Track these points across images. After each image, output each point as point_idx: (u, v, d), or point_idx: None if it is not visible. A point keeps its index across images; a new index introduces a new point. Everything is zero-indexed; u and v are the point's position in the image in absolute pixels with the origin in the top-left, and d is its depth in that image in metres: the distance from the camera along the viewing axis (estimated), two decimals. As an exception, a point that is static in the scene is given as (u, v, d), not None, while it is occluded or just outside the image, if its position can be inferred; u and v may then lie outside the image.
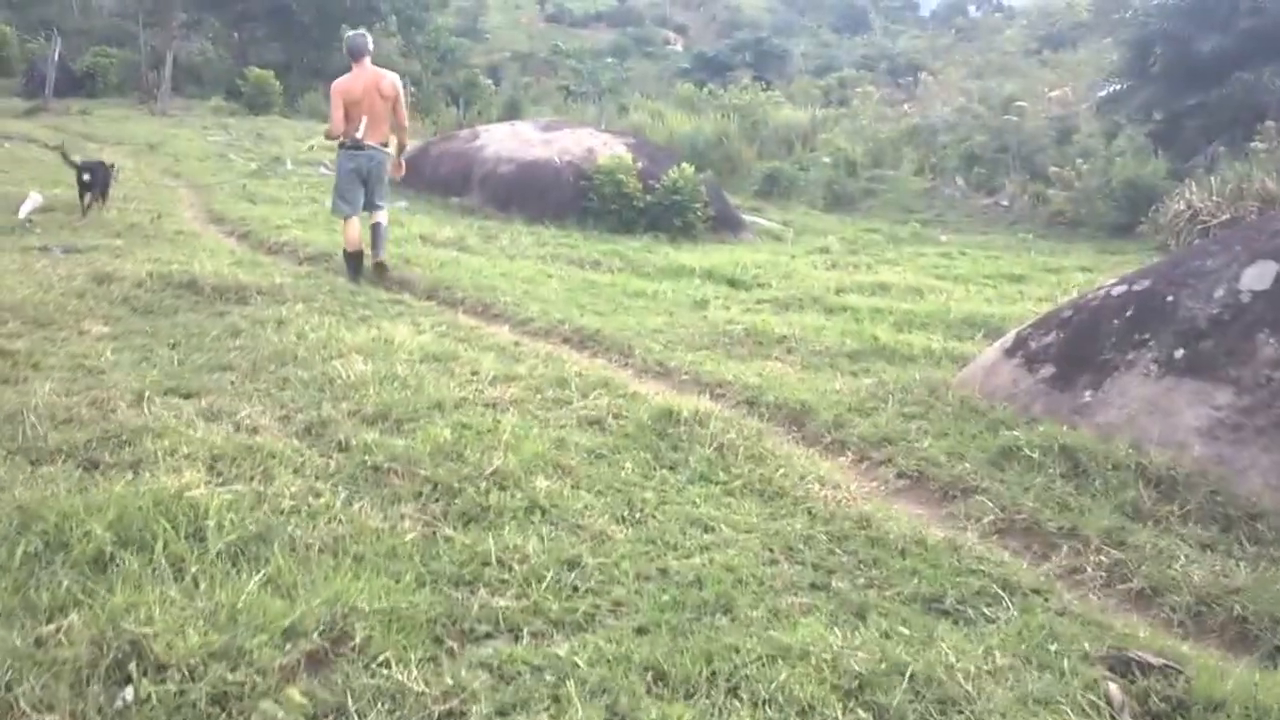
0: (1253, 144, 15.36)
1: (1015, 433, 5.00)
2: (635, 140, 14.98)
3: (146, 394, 5.05)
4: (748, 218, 15.32)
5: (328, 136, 9.03)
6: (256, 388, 5.44)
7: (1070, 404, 5.26)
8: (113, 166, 11.51)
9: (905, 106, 25.09)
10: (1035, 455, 4.80)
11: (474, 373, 5.93)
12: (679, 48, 54.32)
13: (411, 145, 21.83)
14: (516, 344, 6.87)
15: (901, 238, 15.26)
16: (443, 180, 14.36)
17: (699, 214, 13.14)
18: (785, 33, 50.26)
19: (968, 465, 4.78)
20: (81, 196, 10.76)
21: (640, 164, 13.29)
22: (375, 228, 8.80)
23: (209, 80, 32.15)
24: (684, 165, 13.38)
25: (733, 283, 9.86)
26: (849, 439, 5.29)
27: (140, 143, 18.97)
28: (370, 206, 8.82)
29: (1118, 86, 19.52)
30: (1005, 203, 17.51)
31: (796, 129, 23.24)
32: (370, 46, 8.72)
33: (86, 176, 10.92)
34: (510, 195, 13.56)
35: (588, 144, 14.10)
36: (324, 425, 4.84)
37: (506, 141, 14.44)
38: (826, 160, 20.52)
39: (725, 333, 7.46)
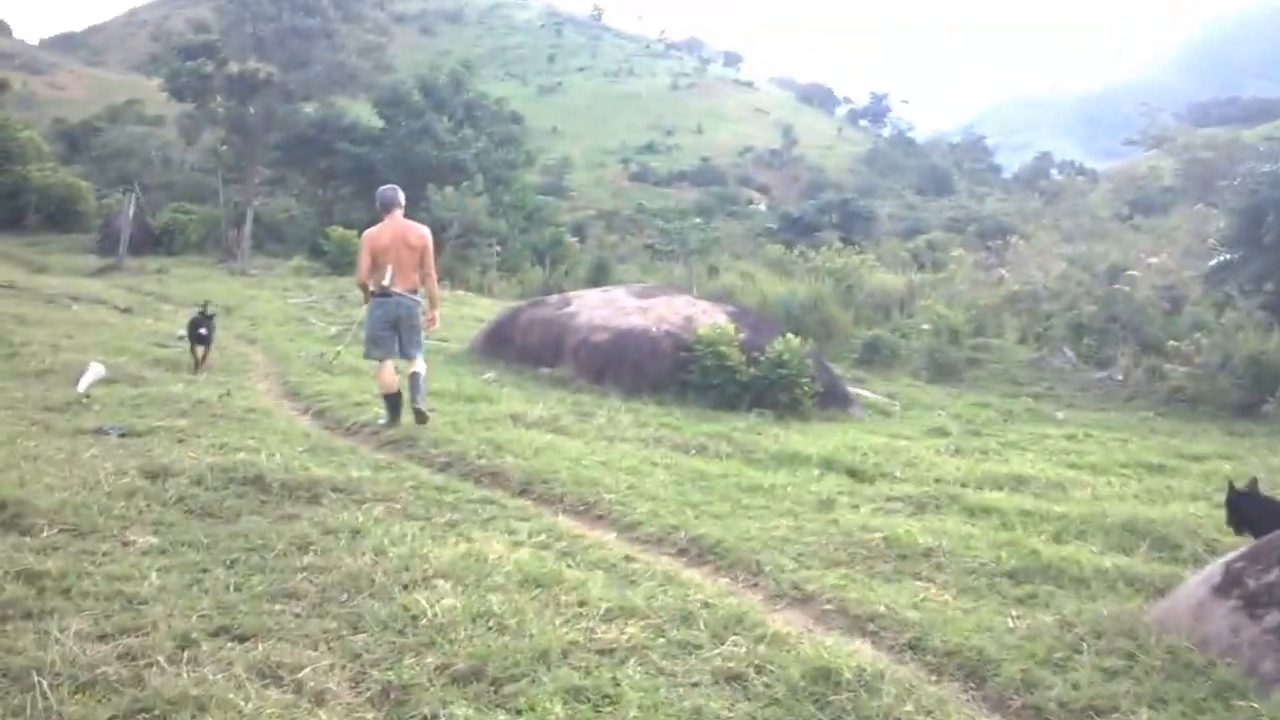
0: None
1: (1253, 703, 3.92)
2: (735, 308, 14.27)
3: (193, 636, 4.20)
4: (851, 389, 14.40)
5: (358, 285, 9.52)
6: (325, 628, 4.57)
7: (1323, 668, 4.15)
8: (213, 316, 12.14)
9: (1003, 271, 24.18)
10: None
11: (582, 603, 5.02)
12: (762, 207, 54.67)
13: (500, 308, 21.88)
14: (628, 559, 5.93)
15: (1016, 414, 14.23)
16: (533, 350, 13.72)
17: (806, 389, 12.26)
18: (869, 194, 50.27)
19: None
20: (194, 350, 11.64)
21: (743, 334, 12.51)
22: (413, 378, 9.10)
23: (291, 239, 32.42)
24: (789, 336, 12.58)
25: (853, 473, 8.88)
26: (1045, 705, 4.22)
27: (217, 304, 18.76)
28: (406, 355, 9.17)
29: (1228, 256, 18.54)
30: (1119, 377, 16.40)
31: (893, 294, 22.51)
32: (401, 200, 9.31)
33: (204, 330, 11.63)
34: (605, 366, 12.83)
35: (686, 312, 13.41)
36: (405, 690, 3.94)
37: (600, 309, 13.81)
38: (926, 327, 19.65)
39: (862, 543, 6.46)
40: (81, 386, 9.81)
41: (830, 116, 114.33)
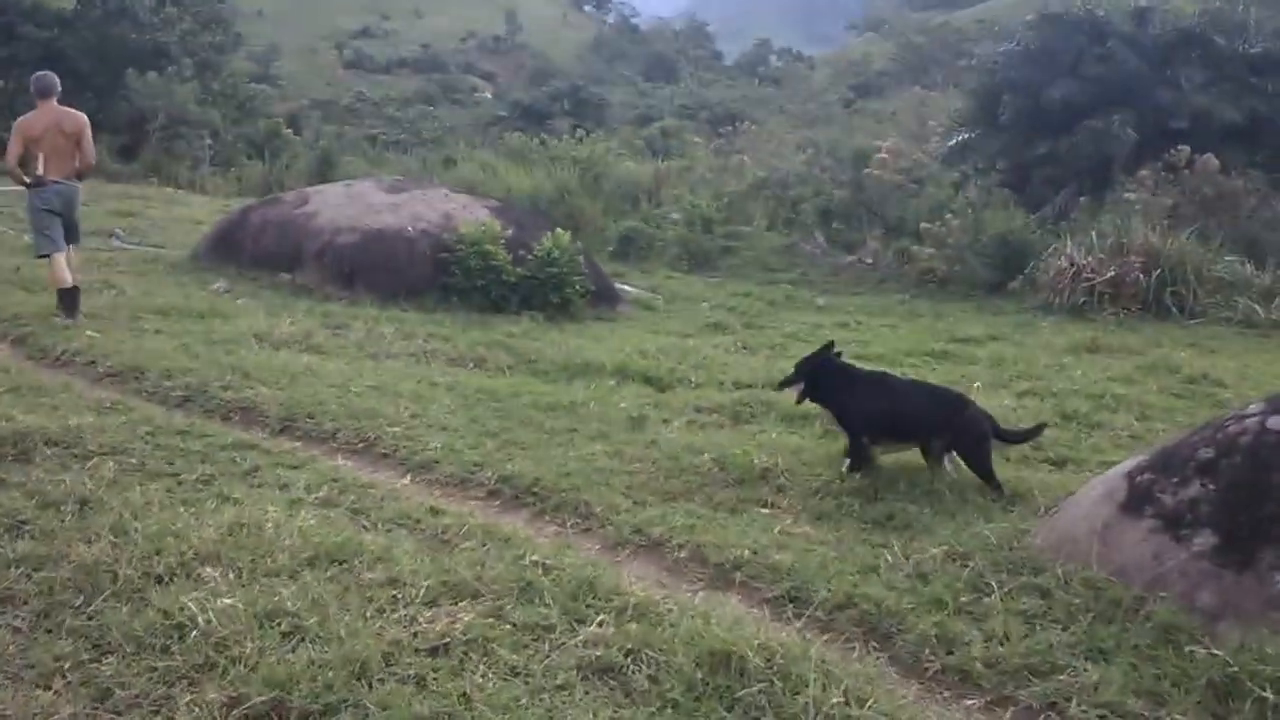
0: (1128, 195, 14.89)
1: (1219, 653, 3.50)
2: (498, 203, 13.12)
3: None
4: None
5: (9, 174, 9.32)
6: (56, 657, 3.40)
7: (1261, 594, 3.80)
8: None
9: (744, 158, 24.05)
10: (1270, 695, 3.30)
11: (393, 582, 4.04)
12: (489, 95, 52.65)
13: (218, 207, 19.61)
14: (433, 511, 4.96)
15: (777, 301, 13.97)
16: (269, 255, 12.12)
17: (578, 289, 11.43)
18: (598, 81, 49.24)
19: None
20: None
21: (509, 231, 11.46)
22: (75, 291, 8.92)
23: None
24: (559, 232, 11.63)
25: (650, 380, 8.19)
26: (969, 666, 3.64)
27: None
28: (72, 238, 9.16)
29: (966, 136, 19.00)
30: (869, 260, 16.51)
31: (640, 183, 21.82)
32: (57, 86, 9.08)
33: None
34: (355, 271, 11.47)
35: (443, 208, 12.18)
36: (188, 752, 2.88)
37: (345, 207, 12.33)
38: (676, 217, 19.18)
39: (692, 468, 5.78)
40: None
41: (554, 1, 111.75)
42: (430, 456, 5.81)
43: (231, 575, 4.02)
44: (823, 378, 5.91)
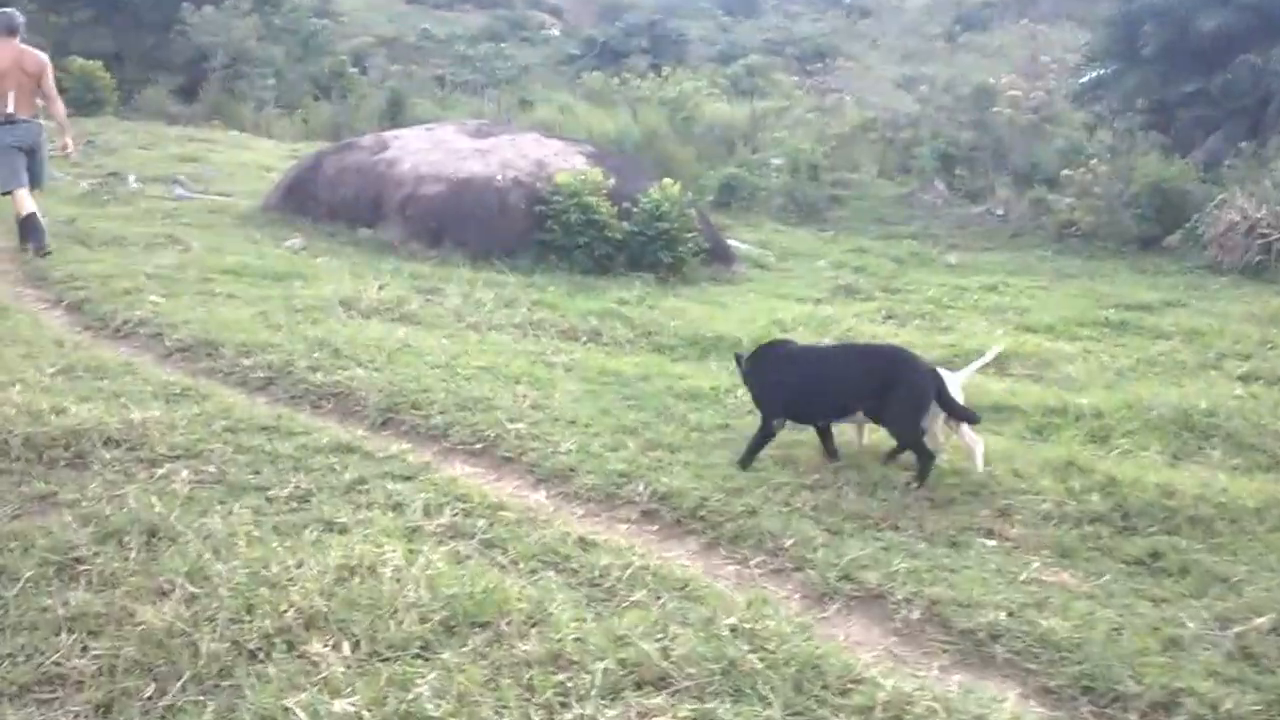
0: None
1: None
2: (595, 149, 11.98)
3: None
4: (723, 240, 12.58)
5: None
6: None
7: None
8: None
9: (843, 96, 22.62)
10: None
11: (556, 661, 3.05)
12: (556, 32, 51.07)
13: (287, 151, 18.67)
14: (584, 545, 3.95)
15: (902, 259, 12.77)
16: (346, 206, 11.16)
17: (691, 246, 10.31)
18: (676, 14, 47.43)
19: None
20: None
21: (610, 181, 10.36)
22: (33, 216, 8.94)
23: None
24: (666, 182, 10.51)
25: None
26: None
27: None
28: (35, 184, 9.11)
29: (1100, 72, 17.41)
30: (1000, 211, 15.16)
31: (735, 126, 20.55)
32: (18, 23, 8.97)
33: None
34: (443, 226, 10.47)
35: (535, 155, 11.10)
36: None
37: (429, 153, 11.30)
38: (778, 163, 17.94)
39: (885, 481, 4.69)
40: None
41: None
42: (564, 462, 4.80)
43: (346, 648, 3.06)
44: (748, 362, 5.17)
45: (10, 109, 8.74)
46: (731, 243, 12.54)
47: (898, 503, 4.47)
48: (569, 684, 2.93)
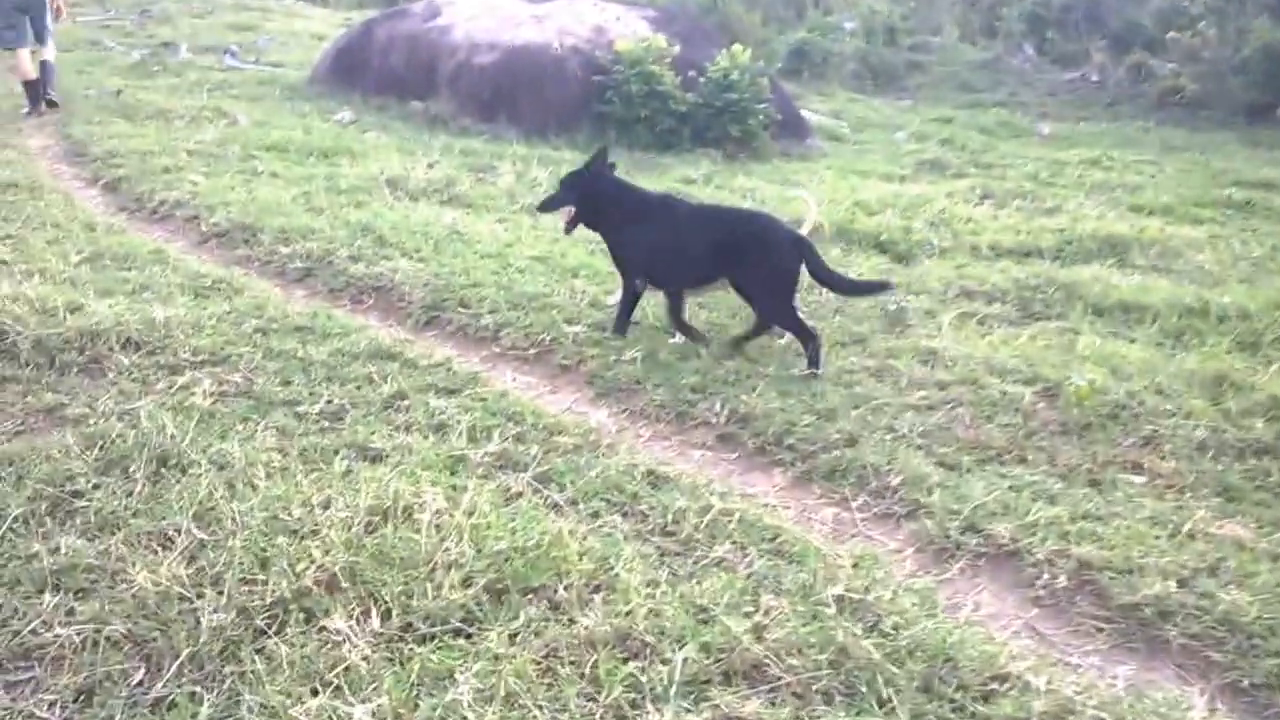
0: None
1: None
2: (659, 14, 11.01)
3: None
4: (795, 110, 11.67)
5: None
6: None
7: None
8: None
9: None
10: None
11: (625, 643, 2.51)
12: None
13: (340, 20, 17.80)
14: (652, 480, 3.37)
15: (989, 129, 11.80)
16: (396, 76, 10.43)
17: (763, 119, 9.48)
18: None
19: None
20: None
21: (675, 48, 9.49)
22: (44, 65, 9.25)
23: None
24: (736, 49, 9.62)
25: (883, 247, 6.37)
26: None
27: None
28: (40, 40, 9.23)
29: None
30: (1095, 78, 13.99)
31: (805, -15, 19.24)
32: None
33: None
34: (496, 97, 9.72)
35: (594, 20, 10.23)
36: None
37: (482, 18, 10.47)
38: (851, 26, 16.77)
39: (1005, 401, 4.02)
40: None
41: None
42: (628, 373, 4.20)
43: (375, 620, 2.53)
44: (600, 198, 4.65)
45: None
46: (806, 114, 11.63)
47: (1022, 428, 3.82)
48: (642, 675, 2.38)
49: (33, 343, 4.06)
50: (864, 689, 2.37)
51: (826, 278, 4.43)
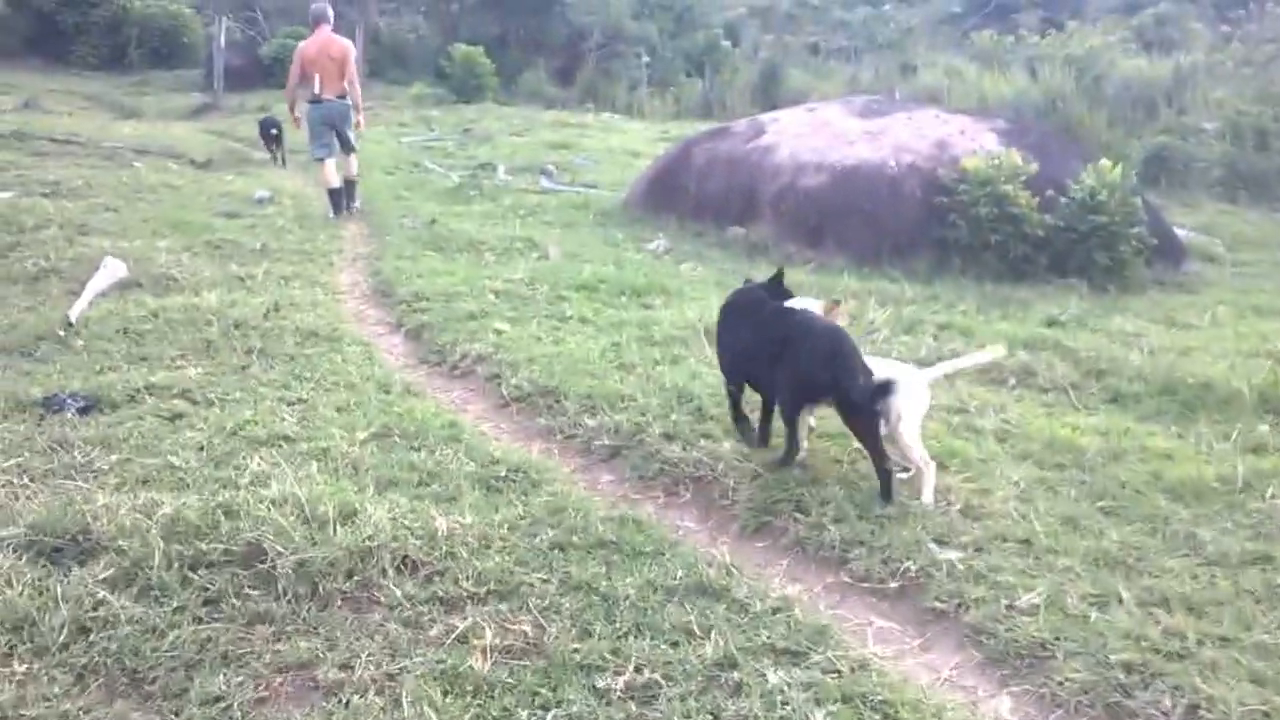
0: None
1: None
2: (1009, 125, 9.86)
3: None
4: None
5: (286, 97, 10.86)
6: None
7: None
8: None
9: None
10: None
11: None
12: (935, -10, 47.71)
13: (657, 135, 17.78)
14: None
15: None
16: (715, 201, 9.86)
17: (1134, 245, 8.13)
18: (1069, -35, 42.84)
19: None
20: (269, 149, 13.79)
21: (1032, 165, 8.35)
22: (348, 183, 10.33)
23: (414, 62, 27.42)
24: (1104, 164, 8.36)
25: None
26: None
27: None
28: (345, 149, 10.19)
29: None
30: None
31: (1154, 84, 17.40)
32: (329, 15, 10.04)
33: (274, 131, 13.51)
34: (823, 223, 8.93)
35: (935, 134, 9.27)
36: None
37: (808, 137, 9.76)
38: (1209, 127, 14.90)
39: None
40: (74, 312, 6.50)
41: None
42: (1027, 632, 3.13)
43: None
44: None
45: (318, 89, 9.88)
46: (1178, 232, 10.09)
47: None
48: None
49: (295, 566, 3.39)
50: None
51: (853, 402, 4.00)
